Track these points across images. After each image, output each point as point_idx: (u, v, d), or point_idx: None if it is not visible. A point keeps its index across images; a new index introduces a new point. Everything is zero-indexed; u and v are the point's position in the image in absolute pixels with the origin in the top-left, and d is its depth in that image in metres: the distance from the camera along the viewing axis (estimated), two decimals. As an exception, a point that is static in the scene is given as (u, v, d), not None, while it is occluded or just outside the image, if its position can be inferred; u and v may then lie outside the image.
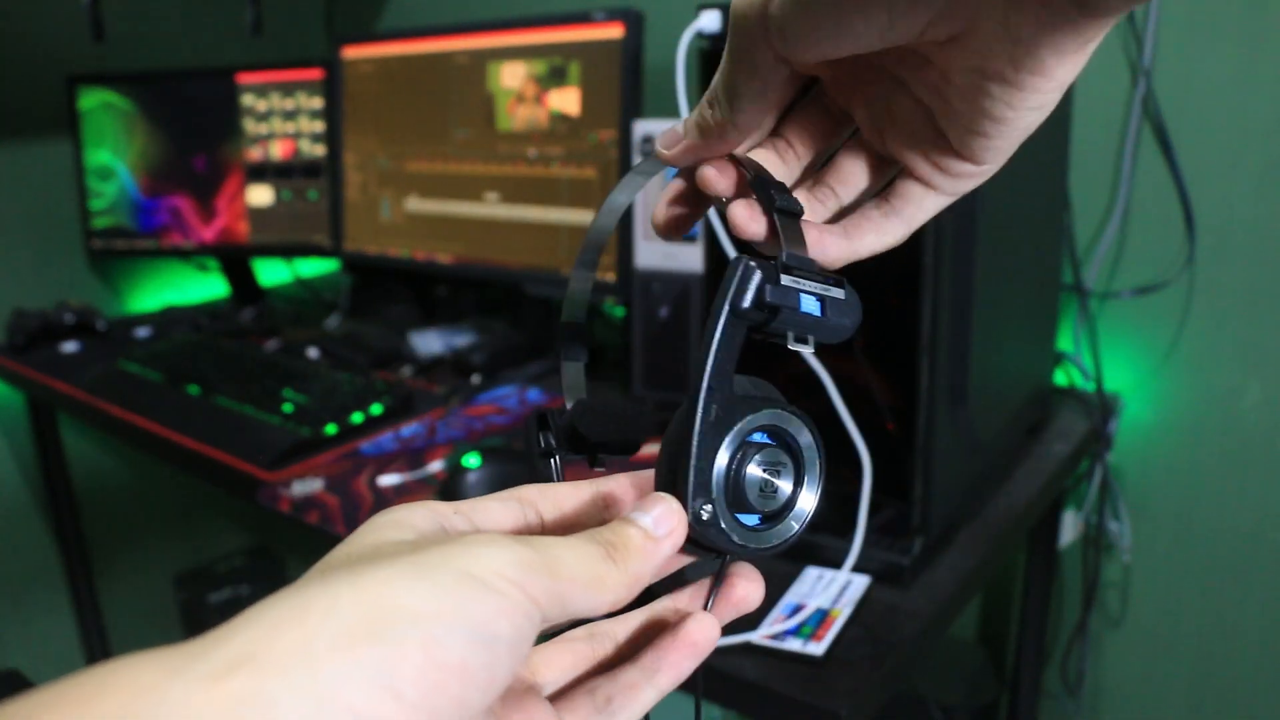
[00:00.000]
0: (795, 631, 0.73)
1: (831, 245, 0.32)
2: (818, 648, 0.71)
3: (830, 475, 0.32)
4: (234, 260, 1.76)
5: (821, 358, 0.78)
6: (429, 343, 1.46)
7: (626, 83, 1.25)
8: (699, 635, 0.30)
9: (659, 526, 0.28)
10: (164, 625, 1.91)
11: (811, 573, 0.82)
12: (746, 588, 0.32)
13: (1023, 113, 0.28)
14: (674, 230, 0.34)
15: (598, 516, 0.32)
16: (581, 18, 1.28)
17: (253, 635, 0.22)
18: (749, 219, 0.31)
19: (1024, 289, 1.00)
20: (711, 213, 0.87)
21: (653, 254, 1.19)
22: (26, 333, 1.51)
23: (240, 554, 1.93)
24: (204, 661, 0.21)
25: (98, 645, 1.74)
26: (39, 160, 1.65)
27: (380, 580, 0.23)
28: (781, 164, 0.33)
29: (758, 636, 0.73)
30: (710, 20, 0.84)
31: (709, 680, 0.73)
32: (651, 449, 0.31)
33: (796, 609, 0.76)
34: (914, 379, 0.77)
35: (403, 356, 1.45)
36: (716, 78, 0.30)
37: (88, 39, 1.44)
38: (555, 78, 1.32)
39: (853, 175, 0.33)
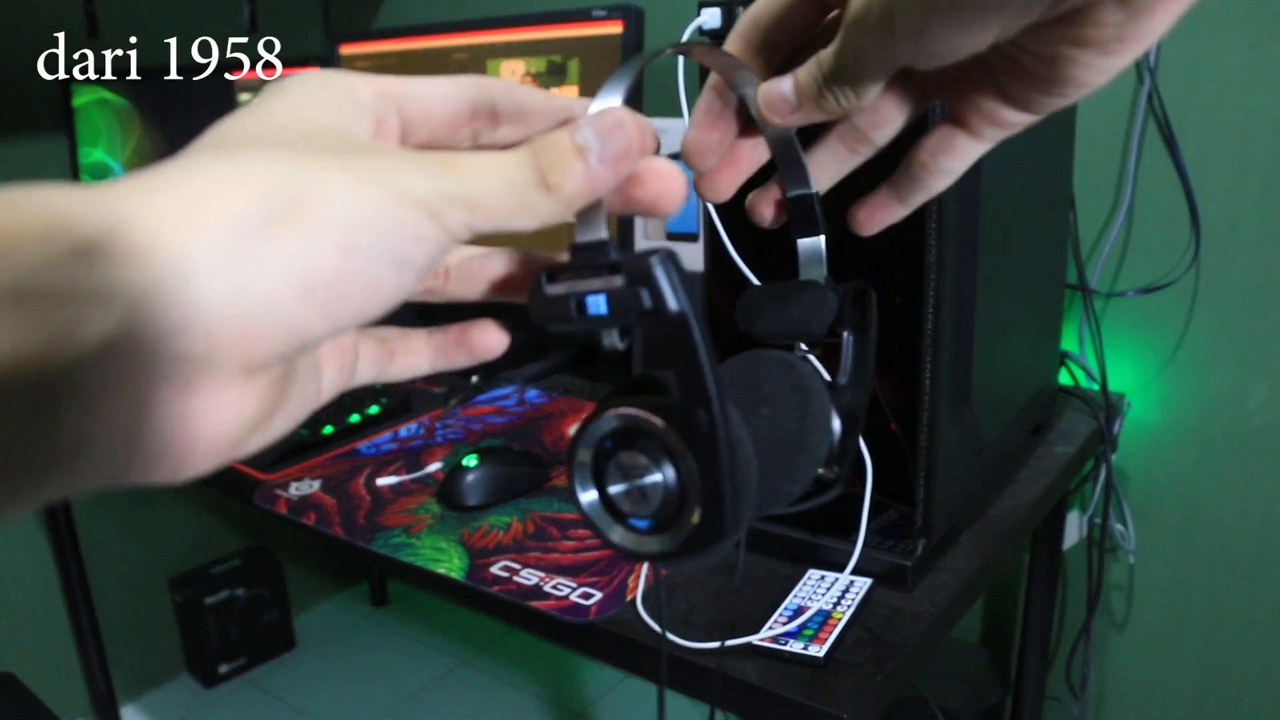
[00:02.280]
0: (797, 634, 0.73)
1: (890, 213, 0.34)
2: (819, 650, 0.71)
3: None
4: (231, 260, 1.75)
5: (823, 359, 0.77)
6: (427, 343, 1.45)
7: (626, 80, 1.24)
8: (479, 337, 0.31)
9: (607, 148, 0.25)
10: (160, 627, 1.90)
11: (813, 575, 0.81)
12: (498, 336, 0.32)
13: (1109, 75, 0.27)
14: (712, 157, 0.33)
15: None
16: (581, 15, 1.27)
17: (181, 197, 0.21)
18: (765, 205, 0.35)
19: (1028, 288, 0.99)
20: (712, 212, 0.85)
21: (652, 253, 1.17)
22: (21, 332, 1.50)
23: (237, 555, 1.92)
24: (129, 204, 0.20)
25: (93, 648, 1.73)
26: (32, 158, 1.64)
27: (317, 174, 0.22)
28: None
29: (759, 639, 0.72)
30: (711, 17, 0.83)
31: (710, 683, 0.72)
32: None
33: (798, 611, 0.76)
34: (917, 379, 0.76)
35: (400, 356, 1.44)
36: (837, 60, 0.29)
37: (82, 35, 1.43)
38: (554, 75, 1.31)
39: (888, 118, 0.33)
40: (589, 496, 0.31)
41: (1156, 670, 1.27)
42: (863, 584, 0.79)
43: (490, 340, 0.31)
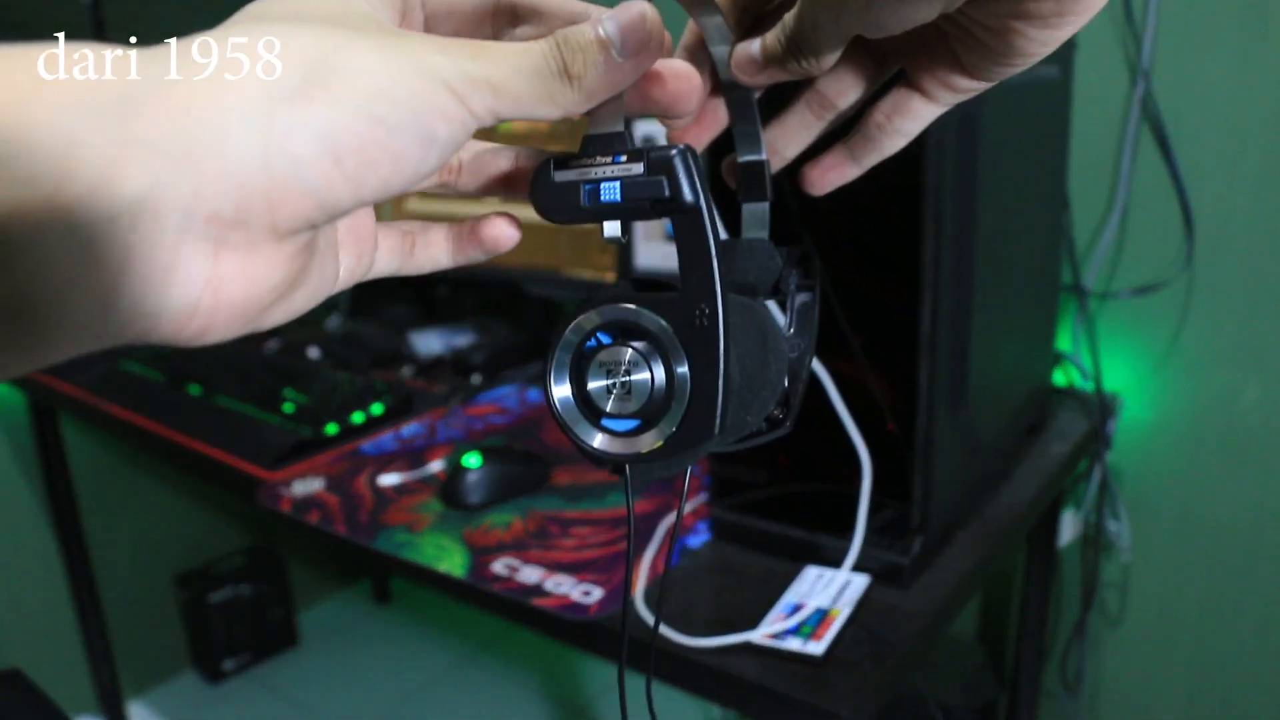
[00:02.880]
0: (795, 631, 0.74)
1: (842, 173, 0.35)
2: (817, 647, 0.71)
3: (831, 475, 0.33)
4: (234, 260, 1.75)
5: (821, 357, 0.78)
6: (429, 343, 1.46)
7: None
8: (489, 230, 0.32)
9: (629, 41, 0.26)
10: (165, 624, 1.91)
11: (811, 572, 0.82)
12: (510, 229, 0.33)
13: (1052, 46, 0.29)
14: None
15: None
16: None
17: (218, 61, 0.21)
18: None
19: (1023, 289, 1.00)
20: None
21: (652, 254, 1.19)
22: (27, 332, 1.51)
23: (241, 554, 1.93)
24: (164, 66, 0.21)
25: (98, 644, 1.75)
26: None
27: (348, 47, 0.23)
28: None
29: (757, 636, 0.73)
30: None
31: (707, 680, 0.73)
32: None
33: (796, 608, 0.77)
34: (914, 379, 0.77)
35: (403, 356, 1.45)
36: (796, 27, 0.30)
37: (89, 39, 1.44)
38: (555, 78, 1.32)
39: (851, 84, 0.34)
40: (563, 391, 0.30)
41: (1151, 665, 1.28)
42: (860, 581, 0.80)
43: (501, 233, 0.32)
